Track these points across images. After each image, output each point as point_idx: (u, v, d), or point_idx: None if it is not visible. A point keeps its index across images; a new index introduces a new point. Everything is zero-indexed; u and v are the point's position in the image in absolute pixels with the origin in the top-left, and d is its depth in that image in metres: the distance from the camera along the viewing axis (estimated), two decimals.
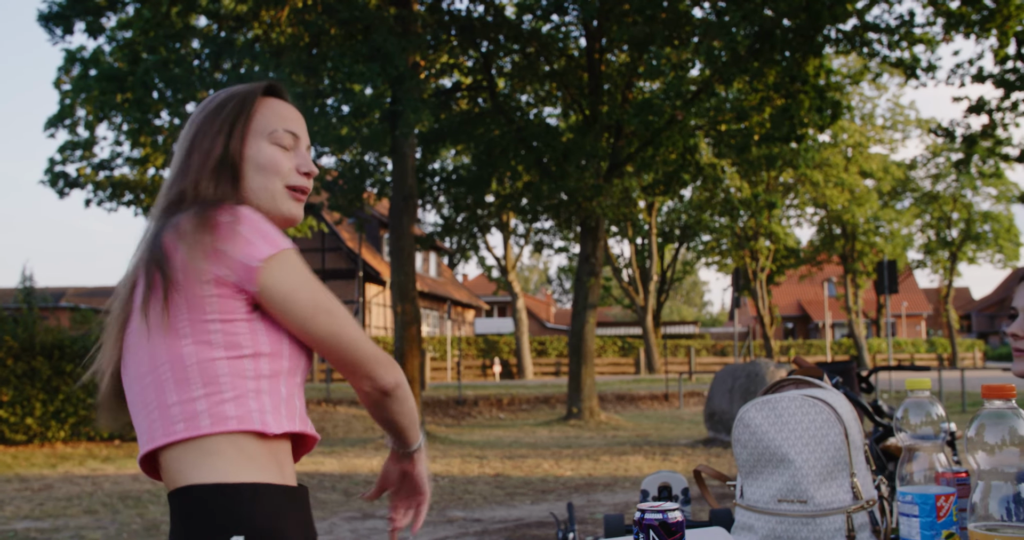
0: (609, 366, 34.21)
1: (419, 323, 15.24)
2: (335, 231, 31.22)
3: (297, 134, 1.56)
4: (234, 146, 1.48)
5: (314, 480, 10.46)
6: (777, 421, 1.78)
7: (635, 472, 10.52)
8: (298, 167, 1.54)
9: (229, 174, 1.47)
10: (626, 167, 17.52)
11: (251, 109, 1.52)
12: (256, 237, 1.35)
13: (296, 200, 1.54)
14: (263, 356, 1.36)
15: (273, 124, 1.52)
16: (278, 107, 1.56)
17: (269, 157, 1.50)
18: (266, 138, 1.51)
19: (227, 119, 1.49)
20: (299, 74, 14.15)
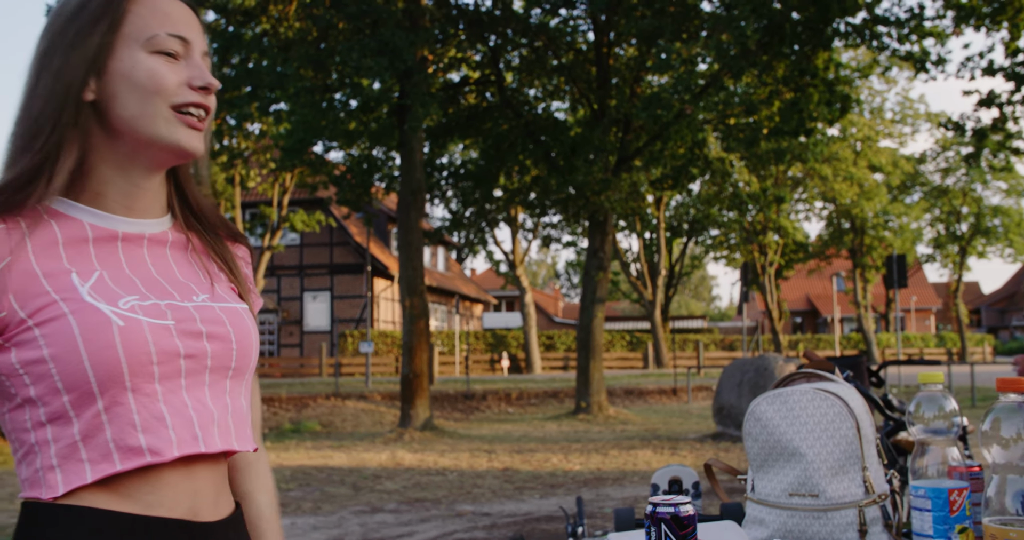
0: (617, 360, 34.21)
1: (427, 317, 15.25)
2: (343, 225, 31.24)
3: (187, 38, 1.16)
4: (93, 57, 1.11)
5: (322, 474, 10.49)
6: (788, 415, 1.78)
7: (644, 466, 10.51)
8: (189, 80, 1.14)
9: (72, 98, 1.11)
10: (634, 161, 17.49)
11: (121, 8, 1.13)
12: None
13: (189, 126, 1.15)
14: (32, 403, 1.05)
15: (153, 26, 1.13)
16: (159, 3, 1.16)
17: (147, 73, 1.12)
18: (142, 47, 1.13)
19: (87, 21, 1.12)
20: (307, 68, 14.16)
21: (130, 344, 1.05)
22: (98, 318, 1.04)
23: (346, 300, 32.28)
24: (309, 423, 17.33)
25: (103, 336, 1.04)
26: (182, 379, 1.11)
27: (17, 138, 1.11)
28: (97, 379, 1.04)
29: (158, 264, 1.18)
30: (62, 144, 1.10)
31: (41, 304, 1.04)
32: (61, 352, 1.03)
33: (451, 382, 24.66)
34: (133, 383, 1.06)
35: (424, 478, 9.98)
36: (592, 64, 17.67)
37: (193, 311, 1.14)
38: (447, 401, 20.17)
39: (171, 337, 1.09)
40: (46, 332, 1.03)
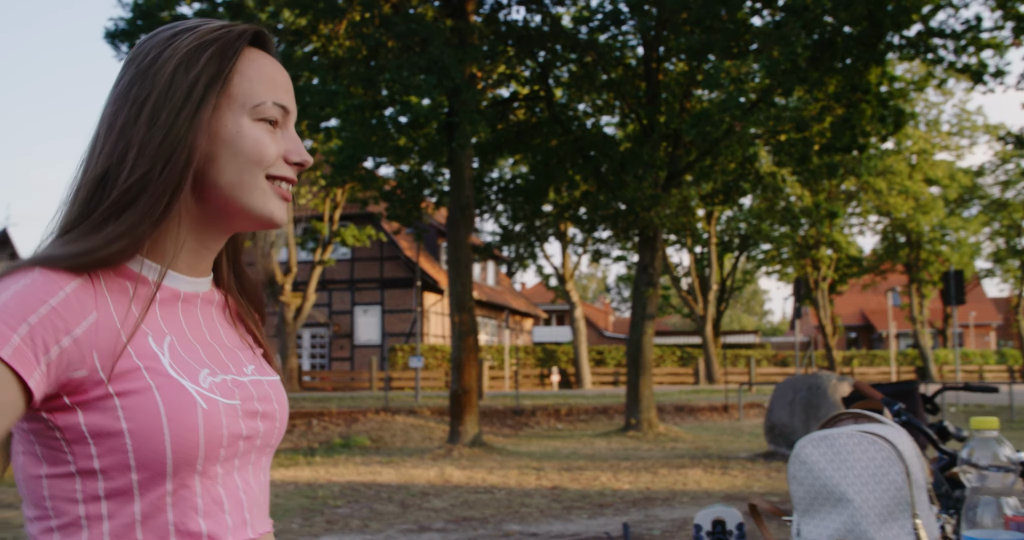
0: (668, 376, 33.95)
1: (476, 333, 15.26)
2: (393, 240, 31.46)
3: (287, 107, 1.12)
4: (203, 122, 1.05)
5: (371, 490, 10.50)
6: (835, 458, 1.73)
7: (694, 486, 10.38)
8: (287, 155, 1.12)
9: (190, 163, 1.05)
10: (684, 176, 17.38)
11: (231, 67, 1.08)
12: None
13: (281, 198, 1.12)
14: (92, 474, 0.99)
15: (260, 93, 1.09)
16: (265, 66, 1.12)
17: (253, 142, 1.08)
18: (248, 112, 1.08)
19: (200, 80, 1.05)
20: (357, 86, 14.28)
21: (209, 428, 1.02)
22: (184, 398, 1.01)
23: (396, 314, 32.47)
24: (359, 438, 17.41)
25: (188, 418, 1.00)
26: (237, 460, 1.08)
27: (116, 193, 1.03)
28: (173, 461, 1.00)
29: (210, 327, 1.14)
30: (167, 210, 1.04)
31: (124, 369, 0.99)
32: (142, 429, 0.98)
33: (501, 397, 24.64)
34: (202, 467, 1.03)
35: (472, 496, 9.95)
36: (641, 79, 17.61)
37: (250, 388, 1.11)
38: (496, 417, 20.15)
39: (237, 419, 1.06)
40: (128, 404, 0.98)
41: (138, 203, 1.02)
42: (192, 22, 1.11)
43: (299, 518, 8.62)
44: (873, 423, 1.85)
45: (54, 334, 0.94)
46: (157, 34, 1.10)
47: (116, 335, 0.99)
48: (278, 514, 8.81)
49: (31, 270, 0.96)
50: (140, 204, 1.02)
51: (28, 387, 0.92)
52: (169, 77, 1.05)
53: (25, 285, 0.94)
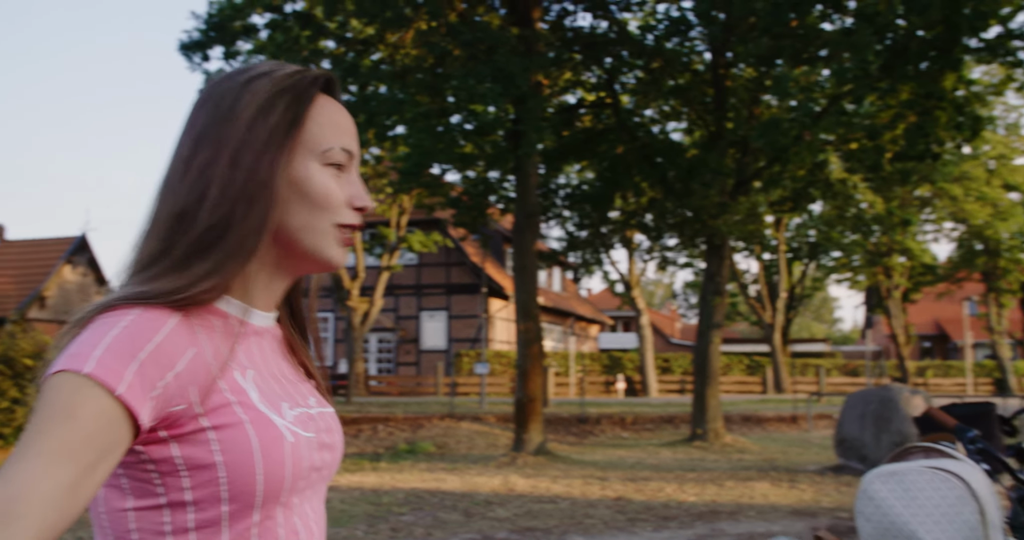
0: (735, 385, 33.52)
1: (541, 341, 15.24)
2: (460, 246, 31.60)
3: (352, 152, 1.16)
4: (282, 167, 1.09)
5: (435, 498, 10.54)
6: (904, 496, 1.67)
7: (761, 500, 10.22)
8: (351, 200, 1.14)
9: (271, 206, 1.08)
10: (753, 183, 17.16)
11: (305, 113, 1.12)
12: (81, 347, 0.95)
13: (344, 244, 1.15)
14: (182, 506, 1.00)
15: (329, 139, 1.12)
16: (333, 111, 1.16)
17: (322, 188, 1.11)
18: (317, 157, 1.11)
19: (279, 126, 1.09)
20: (423, 94, 14.38)
21: (295, 461, 1.05)
22: (273, 432, 1.03)
23: (462, 320, 32.61)
24: (424, 444, 17.50)
25: (277, 452, 1.03)
26: (308, 491, 1.11)
27: (200, 232, 1.05)
28: (264, 494, 1.02)
29: (276, 361, 1.17)
30: (254, 250, 1.07)
31: (217, 403, 1.01)
32: (235, 462, 1.00)
33: (566, 404, 24.59)
34: (286, 498, 1.06)
35: (536, 506, 9.92)
36: (709, 85, 17.43)
37: (319, 420, 1.15)
38: (561, 424, 20.09)
39: (313, 451, 1.10)
40: (223, 437, 1.00)
41: (224, 243, 1.05)
42: (266, 66, 1.14)
43: (364, 525, 8.68)
44: (945, 458, 1.79)
45: (160, 371, 0.96)
46: (232, 77, 1.13)
47: (210, 370, 1.02)
48: (343, 520, 8.88)
49: (132, 308, 0.99)
50: (226, 244, 1.05)
51: (138, 422, 0.94)
52: (250, 121, 1.08)
53: (131, 322, 0.96)
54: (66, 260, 29.88)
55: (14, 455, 0.87)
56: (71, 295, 30.15)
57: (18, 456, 0.87)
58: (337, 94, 1.19)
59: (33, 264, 29.93)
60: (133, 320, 0.97)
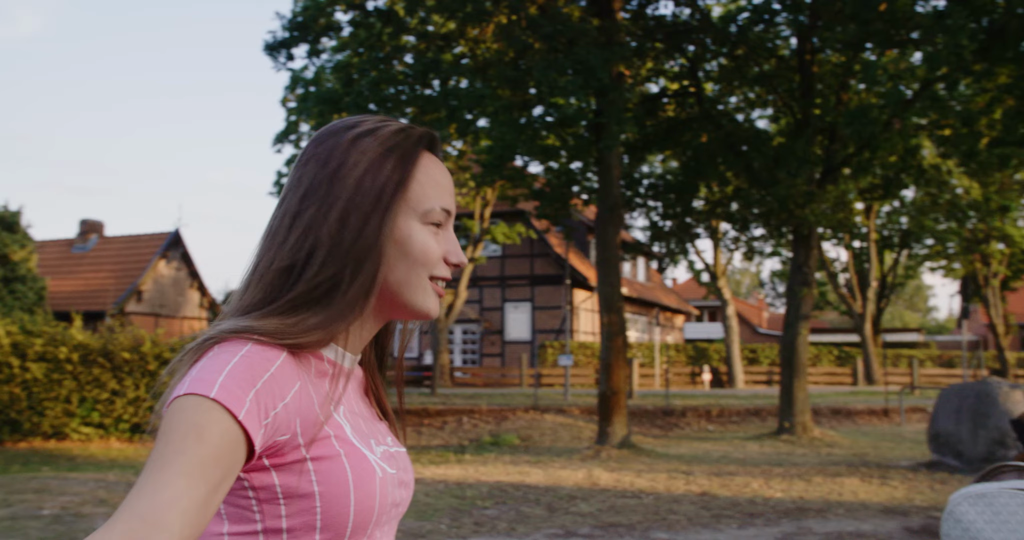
0: (824, 376, 32.84)
1: (625, 333, 15.15)
2: (544, 237, 31.61)
3: (451, 211, 1.20)
4: (390, 228, 1.13)
5: (519, 492, 10.58)
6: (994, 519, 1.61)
7: (850, 497, 10.00)
8: (446, 256, 1.19)
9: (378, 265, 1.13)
10: (841, 170, 16.76)
11: (411, 174, 1.15)
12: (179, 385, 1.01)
13: (437, 294, 1.20)
14: (277, 533, 1.04)
15: (431, 199, 1.16)
16: (435, 172, 1.19)
17: (422, 246, 1.15)
18: (419, 217, 1.16)
19: (387, 188, 1.13)
20: (504, 87, 14.38)
21: (383, 494, 1.10)
22: (366, 466, 1.09)
23: (546, 311, 32.62)
24: (508, 436, 17.58)
25: (369, 485, 1.08)
26: (387, 526, 1.16)
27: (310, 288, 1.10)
28: (354, 524, 1.07)
29: (358, 401, 1.23)
30: (362, 309, 1.12)
31: (317, 435, 1.06)
32: (331, 492, 1.05)
33: (650, 396, 24.43)
34: (371, 531, 1.10)
35: (619, 501, 9.88)
36: (795, 71, 17.06)
37: (398, 459, 1.20)
38: (646, 417, 19.97)
39: (395, 487, 1.14)
40: (320, 468, 1.05)
41: (332, 300, 1.10)
42: (371, 123, 1.18)
43: (447, 518, 8.76)
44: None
45: (272, 400, 1.01)
46: (338, 134, 1.17)
47: (313, 406, 1.06)
48: (428, 514, 8.97)
49: (246, 341, 1.04)
50: (335, 301, 1.10)
51: (253, 447, 0.98)
52: (358, 180, 1.12)
53: (248, 352, 1.02)
54: (161, 255, 30.77)
55: (152, 471, 0.92)
56: (166, 289, 31.05)
57: (157, 471, 0.91)
58: (439, 152, 1.24)
59: (130, 259, 30.90)
60: (249, 351, 1.02)
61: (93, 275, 30.72)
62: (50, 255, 32.07)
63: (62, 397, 15.80)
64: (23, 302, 23.07)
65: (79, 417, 15.90)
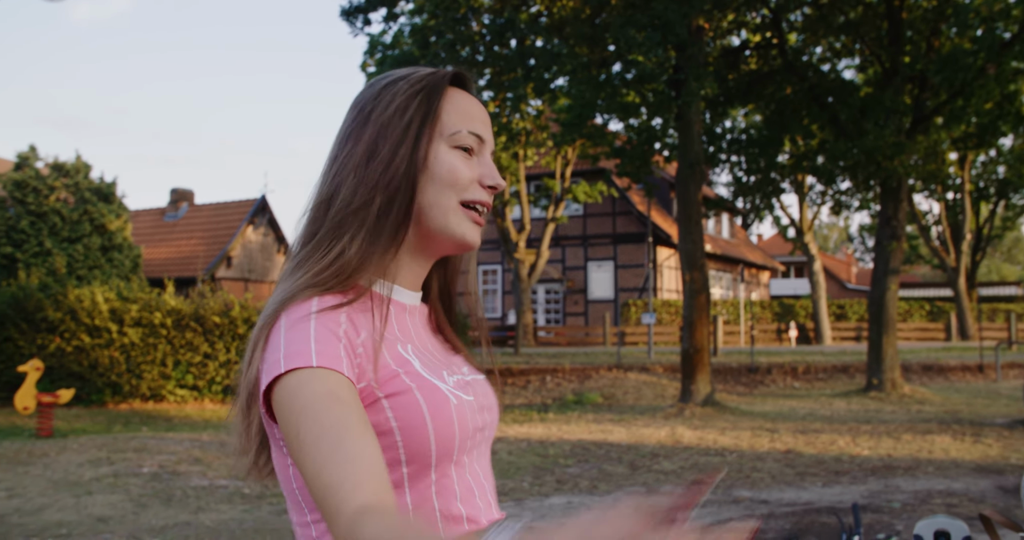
0: (915, 332, 32.06)
1: (708, 291, 15.01)
2: (625, 195, 31.37)
3: (483, 137, 1.25)
4: (419, 155, 1.19)
5: (601, 450, 10.62)
6: None
7: (941, 455, 9.80)
8: (480, 178, 1.23)
9: (410, 191, 1.18)
10: (933, 119, 16.19)
11: (438, 106, 1.22)
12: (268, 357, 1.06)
13: (473, 221, 1.23)
14: None
15: (456, 123, 1.22)
16: (463, 101, 1.25)
17: (448, 166, 1.20)
18: (445, 141, 1.21)
19: (414, 120, 1.20)
20: (581, 46, 14.21)
21: (461, 421, 1.14)
22: (439, 396, 1.13)
23: (629, 269, 32.46)
24: (591, 395, 17.63)
25: (444, 414, 1.12)
26: (475, 450, 1.21)
27: (343, 216, 1.17)
28: (436, 453, 1.12)
29: (428, 336, 1.28)
30: (399, 227, 1.18)
31: (388, 375, 1.11)
32: (409, 426, 1.10)
33: (735, 353, 24.20)
34: (457, 456, 1.15)
35: (702, 458, 9.86)
36: (883, 18, 16.46)
37: (476, 385, 1.25)
38: (730, 374, 19.81)
39: (475, 413, 1.19)
40: (395, 404, 1.10)
41: (362, 225, 1.17)
42: (404, 71, 1.26)
43: (530, 476, 8.85)
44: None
45: (352, 349, 1.08)
46: (374, 84, 1.26)
47: (378, 346, 1.12)
48: (511, 472, 9.08)
49: (308, 300, 1.11)
50: (367, 227, 1.17)
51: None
52: (387, 119, 1.20)
53: (318, 312, 1.09)
54: (248, 221, 31.45)
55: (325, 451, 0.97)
56: (254, 254, 31.77)
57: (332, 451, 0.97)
58: (469, 87, 1.29)
59: (219, 226, 31.66)
60: (317, 311, 1.09)
61: (184, 242, 31.58)
62: (143, 224, 33.05)
63: (157, 360, 16.36)
64: (120, 270, 23.84)
65: (174, 379, 16.46)
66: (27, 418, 13.77)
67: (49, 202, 23.02)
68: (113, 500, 7.65)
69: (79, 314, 16.23)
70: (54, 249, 22.73)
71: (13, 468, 9.18)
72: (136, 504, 7.53)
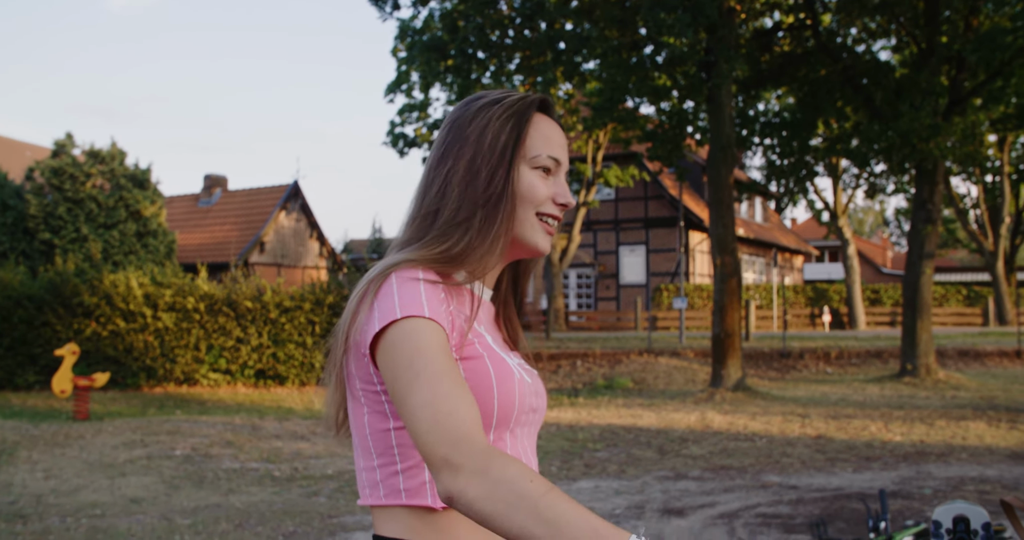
0: (952, 317, 31.66)
1: (739, 275, 14.91)
2: (657, 179, 31.17)
3: (560, 160, 1.41)
4: (511, 176, 1.36)
5: (630, 434, 10.61)
6: None
7: (975, 441, 9.69)
8: (555, 197, 1.40)
9: (508, 208, 1.35)
10: (973, 100, 15.91)
11: (526, 131, 1.39)
12: (381, 305, 1.22)
13: (546, 232, 1.40)
14: None
15: (539, 148, 1.39)
16: (545, 127, 1.42)
17: (528, 185, 1.37)
18: (527, 162, 1.38)
19: (508, 145, 1.36)
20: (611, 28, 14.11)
21: (522, 394, 1.30)
22: (506, 368, 1.30)
23: (661, 253, 32.30)
24: (621, 379, 17.60)
25: (509, 383, 1.29)
26: (528, 428, 1.36)
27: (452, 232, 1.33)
28: (498, 417, 1.28)
29: (492, 329, 1.42)
30: (498, 240, 1.34)
31: (463, 342, 1.28)
32: (477, 387, 1.26)
33: (767, 338, 24.04)
34: (513, 425, 1.31)
35: (732, 443, 9.82)
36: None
37: (533, 375, 1.40)
38: (762, 359, 19.69)
39: (532, 394, 1.34)
40: (467, 367, 1.27)
41: (464, 236, 1.33)
42: (497, 94, 1.43)
43: (558, 460, 8.86)
44: None
45: (449, 312, 1.26)
46: (469, 104, 1.42)
47: (461, 318, 1.30)
48: (539, 456, 9.09)
49: (415, 267, 1.28)
50: (469, 238, 1.33)
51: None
52: (483, 141, 1.37)
53: (425, 277, 1.26)
54: (281, 207, 31.62)
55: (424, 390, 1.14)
56: (287, 239, 31.95)
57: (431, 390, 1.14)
58: (552, 113, 1.46)
59: (252, 212, 31.86)
60: (424, 277, 1.26)
61: (218, 228, 31.81)
62: (178, 210, 33.32)
63: (191, 345, 16.53)
64: (155, 256, 24.08)
65: (207, 363, 16.62)
66: (64, 401, 13.98)
67: (86, 189, 23.28)
68: (146, 482, 7.76)
69: (114, 299, 16.42)
70: (90, 235, 23.00)
71: (50, 450, 9.33)
72: (168, 485, 7.63)
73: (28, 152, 38.62)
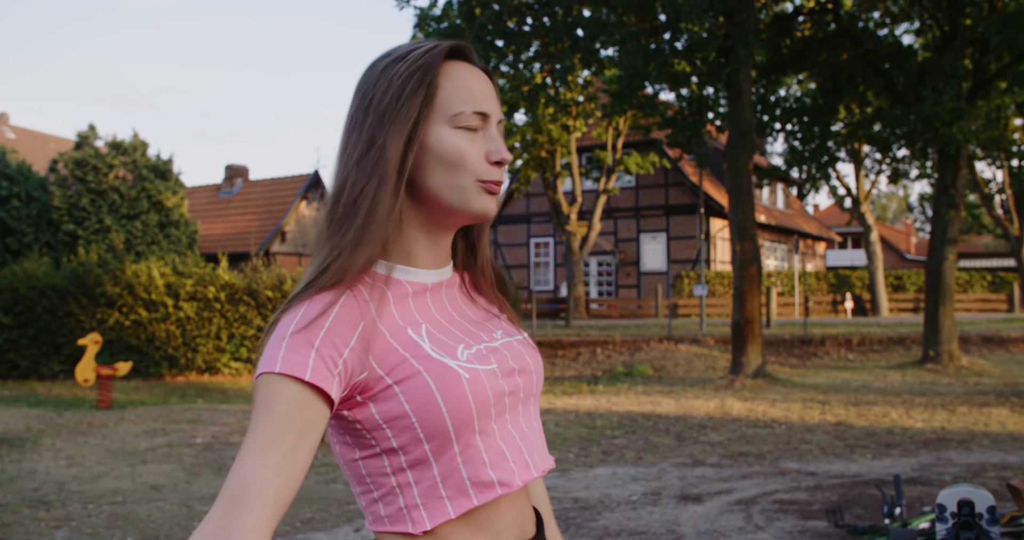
0: (976, 303, 31.37)
1: (759, 262, 14.83)
2: (678, 166, 31.04)
3: (487, 113, 1.23)
4: (417, 141, 1.19)
5: (649, 422, 10.60)
6: None
7: (997, 428, 9.61)
8: (488, 155, 1.22)
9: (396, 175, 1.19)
10: (998, 83, 15.72)
11: (434, 85, 1.20)
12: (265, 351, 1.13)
13: (489, 193, 1.23)
14: (394, 451, 1.17)
15: (457, 103, 1.21)
16: (463, 76, 1.23)
17: (453, 149, 1.20)
18: (447, 122, 1.20)
19: (412, 106, 1.19)
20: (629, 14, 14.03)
21: (476, 393, 1.17)
22: (448, 373, 1.16)
23: (682, 241, 32.18)
24: (641, 367, 17.57)
25: (455, 389, 1.16)
26: (508, 414, 1.24)
27: (345, 209, 1.19)
28: (454, 427, 1.16)
29: (455, 307, 1.30)
30: (389, 215, 1.18)
31: (395, 362, 1.15)
32: (421, 407, 1.15)
33: (789, 325, 23.92)
34: (479, 426, 1.19)
35: (751, 430, 9.79)
36: None
37: (503, 350, 1.26)
38: (783, 346, 19.60)
39: (498, 379, 1.21)
40: (405, 389, 1.15)
41: (359, 215, 1.18)
42: (404, 48, 1.25)
43: (576, 448, 8.86)
44: None
45: (337, 351, 1.11)
46: (374, 66, 1.25)
47: (382, 336, 1.16)
48: (557, 443, 9.10)
49: (302, 302, 1.14)
50: (362, 216, 1.17)
51: (330, 398, 1.10)
52: (385, 105, 1.20)
53: (302, 315, 1.12)
54: (302, 196, 31.73)
55: (240, 450, 1.06)
56: (308, 229, 32.07)
57: (241, 451, 1.06)
58: (473, 60, 1.27)
59: (273, 202, 32.00)
60: (304, 313, 1.12)
61: (239, 218, 31.97)
62: (199, 200, 33.51)
63: (212, 334, 16.64)
64: (177, 246, 24.24)
65: (228, 352, 16.73)
66: (87, 390, 14.12)
67: (108, 180, 23.44)
68: (167, 469, 7.83)
69: (136, 289, 16.55)
70: (113, 226, 23.17)
71: (73, 438, 9.42)
72: (189, 473, 7.69)
73: (52, 144, 38.93)
